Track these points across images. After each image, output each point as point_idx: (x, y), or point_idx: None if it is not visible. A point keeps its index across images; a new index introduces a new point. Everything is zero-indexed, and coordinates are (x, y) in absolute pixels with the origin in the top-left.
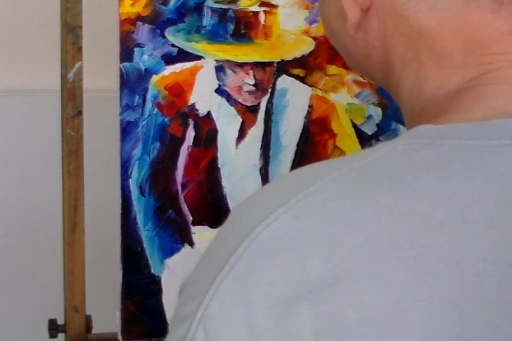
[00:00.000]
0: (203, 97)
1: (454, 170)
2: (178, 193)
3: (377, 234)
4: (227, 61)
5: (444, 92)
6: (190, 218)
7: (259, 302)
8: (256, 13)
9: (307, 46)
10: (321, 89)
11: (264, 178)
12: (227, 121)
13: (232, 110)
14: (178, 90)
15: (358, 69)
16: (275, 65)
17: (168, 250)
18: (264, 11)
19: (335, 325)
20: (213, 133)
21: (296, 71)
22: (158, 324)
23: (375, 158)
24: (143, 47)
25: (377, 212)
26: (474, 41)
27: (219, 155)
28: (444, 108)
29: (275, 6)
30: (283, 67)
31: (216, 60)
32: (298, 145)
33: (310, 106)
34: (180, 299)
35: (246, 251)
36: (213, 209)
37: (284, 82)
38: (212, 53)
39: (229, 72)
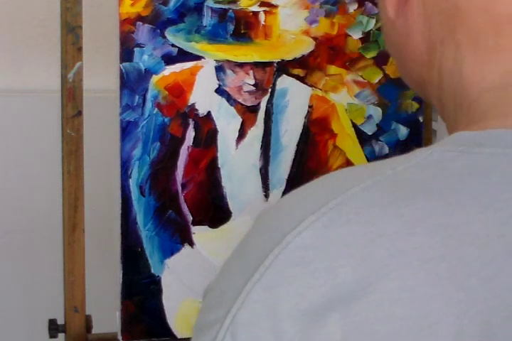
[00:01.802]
0: (203, 97)
1: (492, 180)
2: (178, 193)
3: (409, 245)
4: (227, 61)
5: (485, 83)
6: (190, 218)
7: (288, 313)
8: (256, 13)
9: (307, 46)
10: (321, 89)
11: (264, 178)
12: (227, 121)
13: (232, 110)
14: (178, 90)
15: (406, 73)
16: (275, 65)
17: (168, 250)
18: (264, 11)
19: (363, 337)
20: (213, 133)
21: (296, 71)
22: (158, 324)
23: (409, 165)
24: (143, 47)
25: (410, 223)
26: (507, 19)
27: (219, 155)
28: (484, 109)
29: (275, 6)
30: (283, 67)
31: (216, 60)
32: (298, 145)
33: (310, 106)
34: (205, 304)
35: (276, 259)
36: (213, 209)
37: (284, 82)
38: (212, 53)
39: (229, 72)
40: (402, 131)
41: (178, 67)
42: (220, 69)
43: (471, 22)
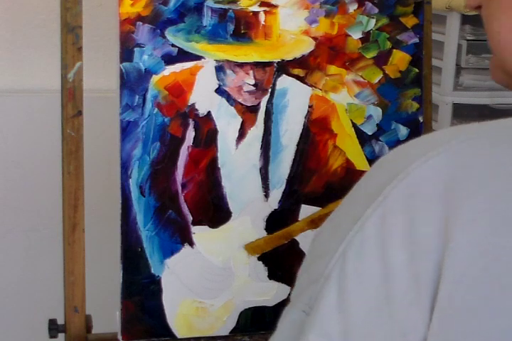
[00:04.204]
0: (203, 97)
1: None
2: (178, 193)
3: None
4: (227, 61)
5: None
6: (190, 218)
7: (399, 241)
8: (256, 13)
9: (307, 46)
10: (321, 89)
11: (264, 178)
12: (227, 121)
13: (232, 110)
14: (178, 90)
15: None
16: (275, 65)
17: (168, 250)
18: (264, 11)
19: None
20: (213, 133)
21: (296, 71)
22: (158, 324)
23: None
24: (143, 47)
25: None
26: None
27: (219, 155)
28: None
29: (275, 6)
30: (283, 67)
31: (216, 60)
32: (298, 145)
33: (310, 106)
34: (320, 236)
35: (394, 189)
36: (213, 209)
37: (284, 82)
38: (212, 53)
39: (229, 72)
40: (402, 131)
41: (178, 67)
42: (220, 69)
43: None
